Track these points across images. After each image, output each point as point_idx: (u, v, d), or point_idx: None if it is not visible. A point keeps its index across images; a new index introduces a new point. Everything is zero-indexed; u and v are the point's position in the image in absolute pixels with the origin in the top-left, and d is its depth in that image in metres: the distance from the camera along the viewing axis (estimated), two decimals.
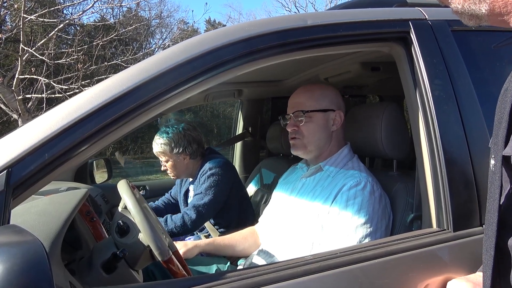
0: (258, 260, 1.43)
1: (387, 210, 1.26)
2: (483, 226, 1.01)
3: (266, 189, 2.44)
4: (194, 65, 0.93)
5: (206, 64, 0.94)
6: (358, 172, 1.30)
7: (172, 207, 2.36)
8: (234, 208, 2.10)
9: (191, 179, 2.19)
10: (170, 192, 2.43)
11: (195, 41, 0.97)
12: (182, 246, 1.53)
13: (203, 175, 2.01)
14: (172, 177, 2.16)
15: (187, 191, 2.22)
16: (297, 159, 1.59)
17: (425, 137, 1.06)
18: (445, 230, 1.01)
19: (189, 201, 2.20)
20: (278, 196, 1.55)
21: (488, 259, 0.68)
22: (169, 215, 1.94)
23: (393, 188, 1.32)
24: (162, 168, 2.14)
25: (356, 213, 1.20)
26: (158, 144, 2.07)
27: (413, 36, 1.10)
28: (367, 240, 1.18)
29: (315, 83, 1.48)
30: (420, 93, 1.08)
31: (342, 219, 1.22)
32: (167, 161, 2.09)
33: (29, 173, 0.78)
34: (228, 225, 2.09)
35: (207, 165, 2.04)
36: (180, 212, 2.16)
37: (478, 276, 0.88)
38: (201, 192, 1.97)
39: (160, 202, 2.37)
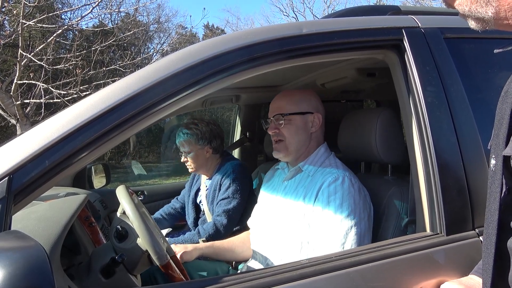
0: (253, 264, 1.45)
1: (367, 201, 1.30)
2: (476, 230, 1.03)
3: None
4: (192, 72, 0.95)
5: (204, 71, 0.96)
6: (335, 169, 1.35)
7: (173, 216, 2.37)
8: (246, 210, 2.10)
9: (206, 178, 2.19)
10: (177, 197, 2.43)
11: (194, 49, 0.99)
12: (182, 249, 1.54)
13: (227, 177, 2.02)
14: (190, 170, 2.15)
15: (198, 190, 2.22)
16: None
17: (418, 143, 1.08)
18: (438, 234, 1.02)
19: (198, 200, 2.21)
20: (263, 199, 1.57)
21: (488, 258, 0.69)
22: (200, 226, 1.96)
23: (388, 192, 1.34)
24: (182, 159, 2.13)
25: (339, 207, 1.24)
26: (184, 133, 2.07)
27: (406, 44, 1.13)
28: (353, 230, 1.22)
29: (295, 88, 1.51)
30: (413, 100, 1.10)
31: (326, 214, 1.25)
32: (189, 152, 2.08)
33: (30, 179, 0.79)
34: (238, 227, 2.09)
35: (228, 167, 2.05)
36: (185, 214, 2.20)
37: (470, 279, 0.90)
38: (229, 197, 1.98)
39: (158, 214, 2.35)
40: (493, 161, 0.69)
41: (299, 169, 1.42)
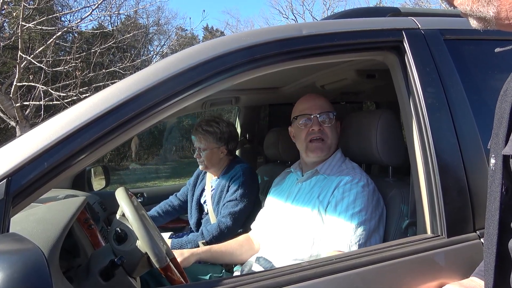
0: (258, 267, 1.44)
1: (380, 202, 1.32)
2: (477, 231, 1.03)
3: (264, 196, 2.44)
4: (192, 74, 0.95)
5: (204, 73, 0.95)
6: (352, 171, 1.38)
7: (170, 214, 2.35)
8: (251, 213, 2.10)
9: (212, 178, 2.19)
10: (176, 194, 2.41)
11: (193, 50, 0.99)
12: (179, 255, 1.52)
13: (236, 180, 2.01)
14: (200, 168, 2.13)
15: (202, 190, 2.21)
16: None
17: (418, 144, 1.08)
18: (439, 236, 1.02)
19: (202, 200, 2.19)
20: (273, 202, 1.56)
21: (490, 259, 0.69)
22: (204, 227, 1.95)
23: (388, 194, 1.34)
24: (195, 155, 2.10)
25: (352, 203, 1.27)
26: (204, 130, 2.05)
27: (406, 45, 1.13)
28: (361, 227, 1.23)
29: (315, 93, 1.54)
30: (413, 101, 1.10)
31: (339, 209, 1.28)
32: (204, 149, 2.06)
33: (29, 181, 0.79)
34: (241, 230, 2.08)
35: (238, 169, 2.04)
36: (187, 211, 2.20)
37: (471, 281, 0.89)
38: (236, 199, 1.97)
39: (154, 211, 2.33)
40: (492, 161, 0.69)
41: (316, 172, 1.44)
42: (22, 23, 6.34)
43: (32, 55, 6.87)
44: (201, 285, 1.09)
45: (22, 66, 6.62)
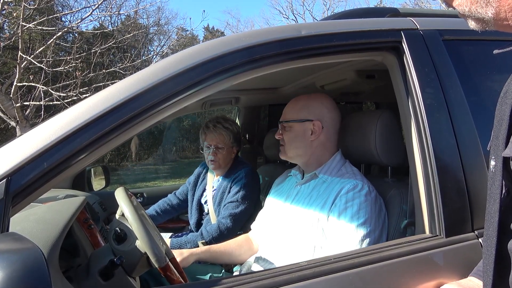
0: (257, 267, 1.44)
1: (382, 209, 1.31)
2: (475, 232, 1.03)
3: (264, 196, 2.44)
4: (191, 74, 0.95)
5: (204, 73, 0.96)
6: (353, 176, 1.36)
7: (168, 212, 2.35)
8: (251, 215, 2.10)
9: (214, 178, 2.19)
10: (175, 192, 2.41)
11: (193, 50, 1.00)
12: (178, 255, 1.53)
13: (238, 181, 2.01)
14: (212, 167, 2.11)
15: (204, 190, 2.22)
16: (294, 166, 1.61)
17: (417, 144, 1.08)
18: (437, 236, 1.02)
19: (203, 200, 2.20)
20: (273, 203, 1.57)
21: (489, 260, 0.69)
22: (203, 228, 1.95)
23: (387, 194, 1.34)
24: (210, 153, 2.06)
25: (356, 214, 1.25)
26: (225, 127, 2.05)
27: (405, 46, 1.13)
28: (367, 239, 1.22)
29: (307, 94, 1.53)
30: (412, 102, 1.10)
31: (342, 220, 1.26)
32: (220, 149, 2.05)
33: (28, 181, 0.79)
34: (241, 232, 2.09)
35: (241, 171, 2.05)
36: (187, 210, 2.21)
37: (469, 281, 0.90)
38: (237, 201, 1.97)
39: (152, 210, 2.32)
40: (492, 162, 0.69)
41: (315, 175, 1.44)
42: (23, 23, 6.34)
43: (32, 55, 6.88)
44: (200, 285, 1.09)
45: (22, 66, 6.63)
